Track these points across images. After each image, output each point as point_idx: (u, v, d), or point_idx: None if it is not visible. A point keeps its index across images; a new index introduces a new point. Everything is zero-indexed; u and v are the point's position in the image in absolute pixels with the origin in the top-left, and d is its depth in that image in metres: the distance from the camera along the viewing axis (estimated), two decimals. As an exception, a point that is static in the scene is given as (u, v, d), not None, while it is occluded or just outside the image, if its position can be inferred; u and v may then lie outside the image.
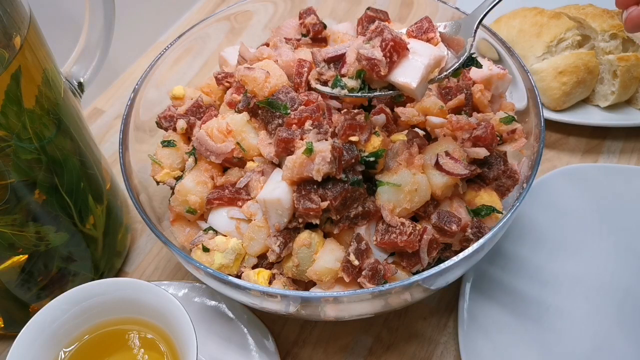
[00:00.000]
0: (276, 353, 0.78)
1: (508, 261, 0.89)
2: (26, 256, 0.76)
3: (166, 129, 0.84)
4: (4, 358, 0.63)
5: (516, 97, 0.84)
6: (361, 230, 0.70)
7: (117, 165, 0.78)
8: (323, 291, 0.70)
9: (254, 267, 0.73)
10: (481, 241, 0.66)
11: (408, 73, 0.64)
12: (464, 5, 1.00)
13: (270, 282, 0.72)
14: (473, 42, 0.67)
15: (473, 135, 0.73)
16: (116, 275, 0.93)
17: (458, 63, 0.67)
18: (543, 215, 0.94)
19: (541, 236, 0.92)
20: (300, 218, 0.69)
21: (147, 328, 0.69)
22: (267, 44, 0.87)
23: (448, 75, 0.67)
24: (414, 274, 0.69)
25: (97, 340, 0.69)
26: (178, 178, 0.79)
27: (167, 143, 0.81)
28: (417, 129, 0.79)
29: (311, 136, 0.69)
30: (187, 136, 0.83)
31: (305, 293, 0.68)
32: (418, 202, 0.69)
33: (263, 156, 0.74)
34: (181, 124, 0.81)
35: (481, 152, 0.72)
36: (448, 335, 0.85)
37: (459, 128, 0.76)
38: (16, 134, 0.67)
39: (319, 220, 0.68)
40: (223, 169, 0.78)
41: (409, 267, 0.70)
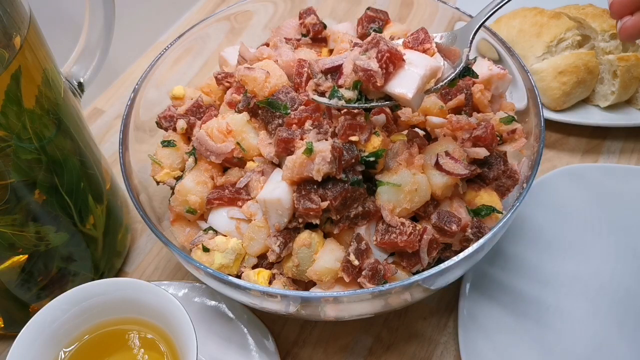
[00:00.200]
0: (276, 353, 0.78)
1: (508, 261, 0.89)
2: (26, 256, 0.76)
3: (166, 129, 0.84)
4: (4, 358, 0.63)
5: (516, 97, 0.84)
6: (361, 230, 0.70)
7: (117, 165, 0.78)
8: (323, 291, 0.70)
9: (254, 267, 0.73)
10: (481, 241, 0.66)
11: (404, 84, 0.65)
12: (464, 5, 1.00)
13: (270, 282, 0.72)
14: (469, 53, 0.67)
15: (473, 135, 0.73)
16: (116, 275, 0.93)
17: (454, 73, 0.67)
18: (543, 215, 0.94)
19: (541, 236, 0.92)
20: (300, 218, 0.69)
21: (147, 328, 0.69)
22: (267, 44, 0.87)
23: (444, 85, 0.67)
24: (414, 274, 0.69)
25: (97, 340, 0.69)
26: (178, 178, 0.79)
27: (167, 143, 0.81)
28: (417, 129, 0.79)
29: (311, 136, 0.69)
30: (187, 136, 0.83)
31: (305, 293, 0.68)
32: (418, 202, 0.69)
33: (263, 156, 0.74)
34: (181, 124, 0.81)
35: (481, 152, 0.72)
36: (448, 335, 0.85)
37: (459, 128, 0.76)
38: (16, 134, 0.67)
39: (319, 220, 0.68)
40: (223, 169, 0.78)
41: (409, 267, 0.70)
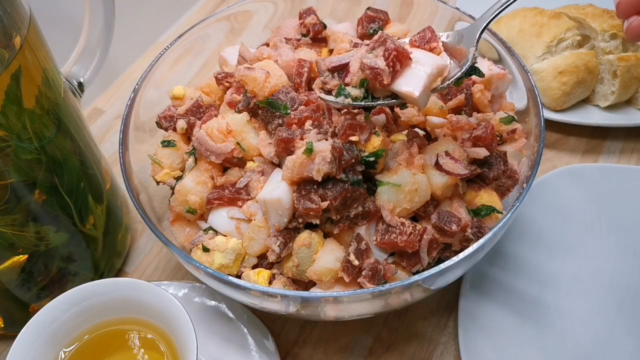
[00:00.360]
0: (276, 353, 0.78)
1: (508, 261, 0.89)
2: (26, 256, 0.76)
3: (166, 129, 0.84)
4: (4, 358, 0.63)
5: (516, 97, 0.84)
6: (361, 230, 0.70)
7: (117, 165, 0.78)
8: (323, 291, 0.70)
9: (254, 267, 0.73)
10: (481, 241, 0.66)
11: (411, 82, 0.65)
12: (464, 5, 1.00)
13: (270, 282, 0.72)
14: (475, 52, 0.67)
15: (473, 135, 0.73)
16: (116, 275, 0.93)
17: (460, 72, 0.67)
18: (543, 215, 0.94)
19: (541, 236, 0.92)
20: (300, 218, 0.69)
21: (147, 328, 0.69)
22: (267, 44, 0.87)
23: (451, 84, 0.68)
24: (414, 274, 0.69)
25: (97, 340, 0.69)
26: (178, 178, 0.79)
27: (167, 143, 0.81)
28: (417, 129, 0.79)
29: (311, 136, 0.69)
30: (187, 136, 0.83)
31: (305, 293, 0.68)
32: (418, 202, 0.69)
33: (263, 156, 0.74)
34: (181, 124, 0.81)
35: (481, 152, 0.72)
36: (448, 335, 0.85)
37: (459, 128, 0.76)
38: (16, 134, 0.67)
39: (319, 220, 0.68)
40: (223, 169, 0.78)
41: (409, 267, 0.70)
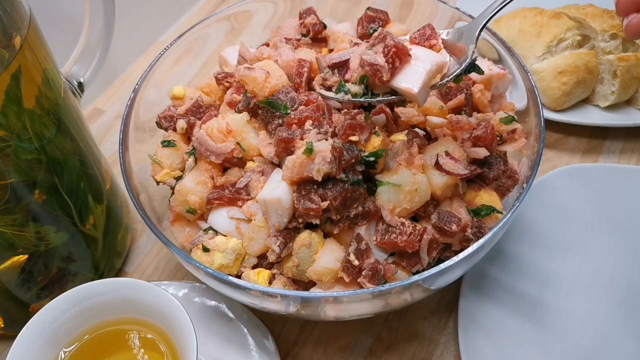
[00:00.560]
0: (276, 353, 0.78)
1: (508, 261, 0.89)
2: (26, 256, 0.76)
3: (166, 129, 0.84)
4: (4, 358, 0.63)
5: (516, 97, 0.84)
6: (361, 230, 0.70)
7: (117, 165, 0.78)
8: (323, 291, 0.70)
9: (254, 267, 0.73)
10: (481, 241, 0.66)
11: (410, 79, 0.65)
12: (464, 5, 1.00)
13: (270, 282, 0.72)
14: (475, 49, 0.67)
15: (473, 135, 0.73)
16: (116, 275, 0.93)
17: (460, 69, 0.67)
18: (543, 215, 0.94)
19: (541, 236, 0.92)
20: (300, 218, 0.69)
21: (147, 328, 0.69)
22: (267, 44, 0.87)
23: (450, 81, 0.68)
24: (414, 274, 0.69)
25: (97, 340, 0.69)
26: (178, 178, 0.79)
27: (167, 143, 0.81)
28: (417, 129, 0.79)
29: (311, 136, 0.69)
30: (187, 136, 0.83)
31: (305, 293, 0.68)
32: (418, 202, 0.69)
33: (263, 156, 0.74)
34: (181, 124, 0.81)
35: (481, 152, 0.72)
36: (448, 335, 0.85)
37: (459, 128, 0.76)
38: (16, 134, 0.67)
39: (319, 220, 0.68)
40: (223, 169, 0.78)
41: (409, 267, 0.70)
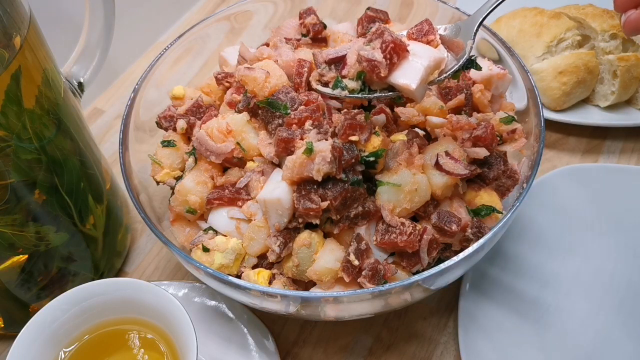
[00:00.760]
0: (276, 353, 0.78)
1: (508, 261, 0.89)
2: (26, 256, 0.76)
3: (166, 129, 0.84)
4: (4, 358, 0.63)
5: (516, 97, 0.84)
6: (361, 230, 0.70)
7: (117, 165, 0.78)
8: (323, 291, 0.70)
9: (254, 267, 0.73)
10: (481, 241, 0.66)
11: (408, 74, 0.65)
12: (464, 5, 1.00)
13: (270, 282, 0.72)
14: (473, 45, 0.67)
15: (473, 135, 0.73)
16: (116, 275, 0.93)
17: (457, 65, 0.67)
18: (543, 215, 0.94)
19: (541, 236, 0.92)
20: (300, 218, 0.69)
21: (147, 328, 0.69)
22: (267, 44, 0.87)
23: (448, 77, 0.68)
24: (414, 274, 0.69)
25: (97, 340, 0.69)
26: (178, 178, 0.79)
27: (167, 143, 0.81)
28: (417, 129, 0.79)
29: (311, 136, 0.69)
30: (187, 136, 0.83)
31: (305, 293, 0.68)
32: (418, 202, 0.69)
33: (263, 156, 0.74)
34: (181, 124, 0.81)
35: (481, 152, 0.72)
36: (448, 335, 0.85)
37: (459, 128, 0.76)
38: (16, 134, 0.67)
39: (319, 220, 0.68)
40: (223, 169, 0.78)
41: (409, 267, 0.70)
